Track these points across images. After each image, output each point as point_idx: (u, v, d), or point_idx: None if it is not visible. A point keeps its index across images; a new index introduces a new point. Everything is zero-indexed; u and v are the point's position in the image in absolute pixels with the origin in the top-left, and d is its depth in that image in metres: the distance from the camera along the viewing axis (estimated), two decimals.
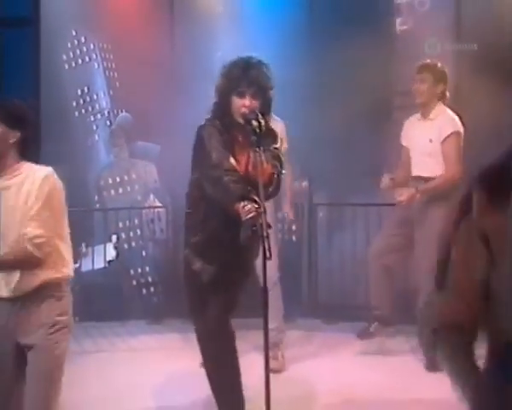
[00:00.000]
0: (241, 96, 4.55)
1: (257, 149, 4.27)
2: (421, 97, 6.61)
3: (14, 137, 4.12)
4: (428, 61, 6.75)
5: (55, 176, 4.25)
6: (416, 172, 6.68)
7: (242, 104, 4.54)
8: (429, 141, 6.58)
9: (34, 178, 4.20)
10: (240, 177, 4.46)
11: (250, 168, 4.44)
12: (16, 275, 4.16)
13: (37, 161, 4.38)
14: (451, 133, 6.50)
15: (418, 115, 6.76)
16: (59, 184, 4.25)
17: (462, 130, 6.54)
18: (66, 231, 4.35)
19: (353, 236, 8.16)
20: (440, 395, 5.62)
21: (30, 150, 4.29)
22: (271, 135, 4.68)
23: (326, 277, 8.51)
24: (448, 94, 6.72)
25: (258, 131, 4.32)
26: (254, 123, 4.32)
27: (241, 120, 4.53)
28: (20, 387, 4.29)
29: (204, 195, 4.69)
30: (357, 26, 7.69)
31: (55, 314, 4.22)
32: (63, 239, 4.31)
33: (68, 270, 4.33)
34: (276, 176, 4.54)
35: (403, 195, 6.49)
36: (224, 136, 4.62)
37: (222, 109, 4.68)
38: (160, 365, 6.67)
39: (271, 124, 4.82)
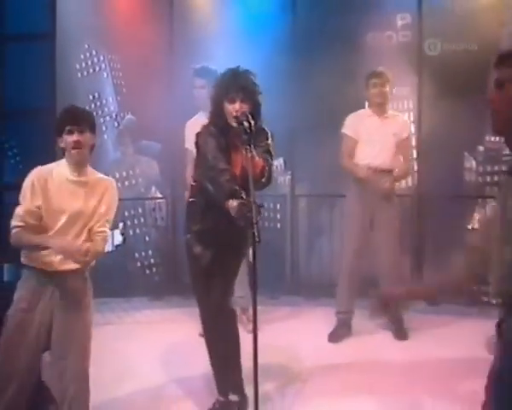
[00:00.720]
0: (232, 101, 4.60)
1: (247, 147, 4.29)
2: (380, 98, 6.67)
3: (93, 140, 4.28)
4: (380, 68, 6.74)
5: None
6: (374, 161, 6.61)
7: (233, 109, 4.58)
8: (393, 135, 6.64)
9: (107, 186, 4.37)
10: (232, 176, 4.53)
11: (244, 165, 4.44)
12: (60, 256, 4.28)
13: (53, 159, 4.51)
14: (409, 134, 6.75)
15: (369, 112, 6.81)
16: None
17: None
18: None
19: (331, 223, 8.31)
20: (404, 358, 6.00)
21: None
22: (263, 133, 4.73)
23: (306, 260, 8.68)
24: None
25: (248, 130, 4.34)
26: (245, 123, 4.35)
27: (234, 124, 4.56)
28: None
29: (204, 189, 4.77)
30: (334, 39, 7.90)
31: (87, 286, 4.43)
32: None
33: None
34: (267, 168, 4.60)
35: (387, 182, 6.53)
36: (219, 139, 4.67)
37: (216, 116, 4.73)
38: (161, 335, 6.75)
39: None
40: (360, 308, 6.59)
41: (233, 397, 4.86)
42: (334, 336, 6.62)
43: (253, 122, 4.41)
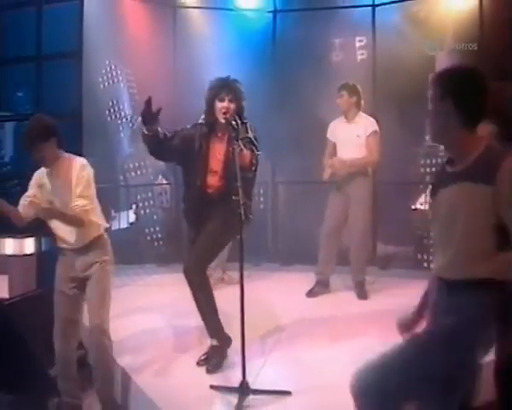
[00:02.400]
0: (222, 100, 4.64)
1: (236, 142, 4.33)
2: (343, 107, 6.68)
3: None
4: (344, 82, 6.71)
5: (88, 164, 4.45)
6: (345, 158, 6.63)
7: (222, 106, 4.63)
8: (357, 136, 6.63)
9: (76, 167, 4.38)
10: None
11: (231, 156, 4.36)
12: (76, 234, 4.46)
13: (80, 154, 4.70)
14: (373, 131, 6.67)
15: (343, 119, 6.77)
16: (91, 169, 4.45)
17: (378, 130, 6.66)
18: (96, 201, 4.56)
19: (305, 205, 8.27)
20: (365, 312, 6.00)
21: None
22: (244, 127, 4.68)
23: (284, 234, 8.78)
24: (363, 102, 6.74)
25: (236, 127, 4.39)
26: (233, 122, 4.39)
27: (222, 120, 4.59)
28: (80, 306, 4.63)
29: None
30: (306, 58, 8.04)
31: (101, 255, 4.54)
32: (97, 207, 4.56)
33: (103, 226, 4.63)
34: (254, 158, 4.57)
35: (335, 163, 6.61)
36: (207, 132, 4.74)
37: (208, 112, 4.76)
38: (167, 295, 6.78)
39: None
40: (337, 273, 6.77)
41: (213, 341, 4.83)
42: (312, 293, 6.65)
43: (239, 121, 4.46)
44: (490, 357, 2.97)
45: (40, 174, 4.53)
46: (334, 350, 4.94)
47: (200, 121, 4.90)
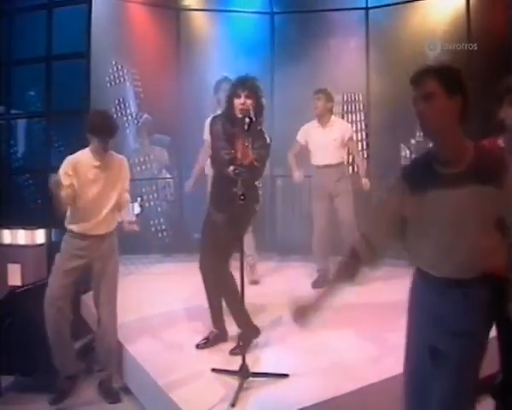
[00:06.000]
0: (238, 97, 4.57)
1: (245, 142, 4.34)
2: (318, 110, 6.67)
3: None
4: (321, 87, 6.71)
5: None
6: (322, 162, 6.69)
7: (239, 102, 4.55)
8: (333, 140, 6.64)
9: (122, 164, 4.74)
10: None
11: (240, 153, 4.39)
12: (107, 226, 4.68)
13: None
14: (351, 135, 6.81)
15: (315, 123, 6.76)
16: None
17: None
18: None
19: (300, 198, 8.42)
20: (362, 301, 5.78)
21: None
22: (262, 137, 4.62)
23: (281, 226, 8.79)
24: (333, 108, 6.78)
25: (247, 127, 4.24)
26: (247, 119, 4.26)
27: (239, 115, 4.49)
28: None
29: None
30: (303, 59, 7.91)
31: (115, 244, 4.78)
32: None
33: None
34: (256, 163, 4.45)
35: (339, 179, 6.68)
36: (225, 126, 4.67)
37: (227, 109, 4.69)
38: (170, 283, 6.90)
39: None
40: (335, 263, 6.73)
41: (214, 330, 4.93)
42: (317, 284, 6.50)
43: (254, 119, 4.34)
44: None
45: (73, 164, 4.64)
46: (331, 336, 4.98)
47: (215, 116, 4.96)
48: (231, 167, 4.43)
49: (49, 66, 6.67)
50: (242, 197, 4.03)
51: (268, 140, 4.70)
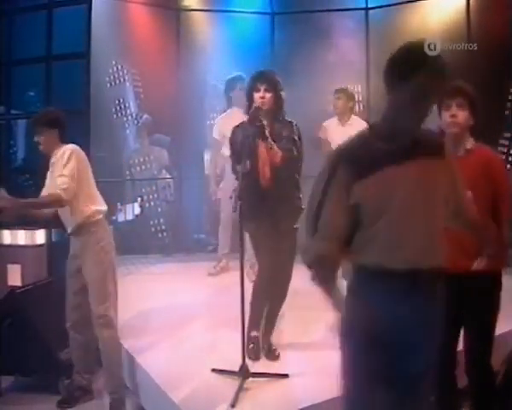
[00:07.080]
0: (258, 91, 4.49)
1: (268, 141, 4.30)
2: (339, 110, 6.69)
3: None
4: (343, 86, 6.76)
5: (77, 149, 4.46)
6: None
7: (258, 96, 4.48)
8: None
9: (62, 152, 4.41)
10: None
11: (265, 153, 4.34)
12: (67, 217, 4.50)
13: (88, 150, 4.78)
14: None
15: (335, 120, 6.75)
16: (79, 153, 4.46)
17: None
18: (93, 184, 4.58)
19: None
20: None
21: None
22: (288, 126, 4.54)
23: None
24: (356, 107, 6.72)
25: (263, 129, 4.26)
26: (264, 122, 4.29)
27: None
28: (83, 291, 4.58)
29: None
30: (304, 60, 7.89)
31: (95, 241, 4.49)
32: (90, 191, 4.54)
33: (95, 211, 4.51)
34: (287, 156, 4.39)
35: None
36: (249, 130, 4.44)
37: (249, 106, 4.54)
38: (169, 282, 6.84)
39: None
40: None
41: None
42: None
43: (265, 123, 4.31)
44: None
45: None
46: (331, 336, 4.84)
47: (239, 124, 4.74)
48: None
49: (49, 66, 6.67)
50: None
51: (294, 127, 4.59)
